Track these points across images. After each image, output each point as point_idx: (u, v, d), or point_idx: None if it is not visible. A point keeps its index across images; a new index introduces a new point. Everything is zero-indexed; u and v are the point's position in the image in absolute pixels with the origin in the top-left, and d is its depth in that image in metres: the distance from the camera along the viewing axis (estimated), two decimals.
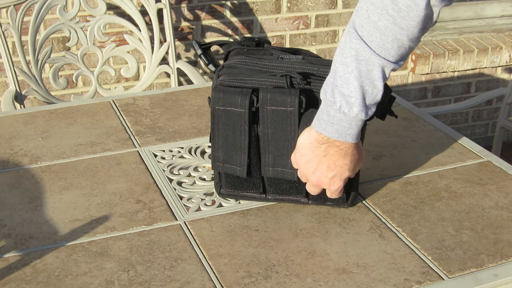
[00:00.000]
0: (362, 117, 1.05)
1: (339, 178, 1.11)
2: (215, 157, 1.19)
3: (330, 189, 1.13)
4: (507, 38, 3.08)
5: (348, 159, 1.09)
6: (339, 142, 1.07)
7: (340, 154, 1.08)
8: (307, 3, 2.72)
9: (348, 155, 1.09)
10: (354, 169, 1.12)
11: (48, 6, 2.13)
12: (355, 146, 1.09)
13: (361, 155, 1.12)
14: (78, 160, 1.39)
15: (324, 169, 1.10)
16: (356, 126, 1.06)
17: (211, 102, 1.16)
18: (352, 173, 1.12)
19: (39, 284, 1.03)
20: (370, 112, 1.06)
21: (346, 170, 1.10)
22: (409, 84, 3.03)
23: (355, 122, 1.05)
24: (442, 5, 1.02)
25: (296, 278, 1.04)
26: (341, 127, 1.05)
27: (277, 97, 1.12)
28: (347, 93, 1.03)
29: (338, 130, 1.06)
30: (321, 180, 1.12)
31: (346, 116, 1.04)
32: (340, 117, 1.05)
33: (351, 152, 1.09)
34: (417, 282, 1.03)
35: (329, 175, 1.10)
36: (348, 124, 1.05)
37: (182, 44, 2.64)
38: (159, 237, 1.14)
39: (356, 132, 1.07)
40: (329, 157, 1.08)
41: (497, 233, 1.15)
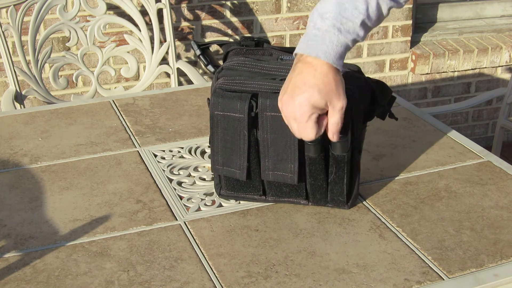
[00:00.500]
0: (334, 33, 1.00)
1: (307, 100, 1.00)
2: (215, 160, 1.19)
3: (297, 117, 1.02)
4: (507, 38, 3.08)
5: (320, 79, 1.00)
6: (311, 58, 1.01)
7: (311, 71, 1.00)
8: (307, 3, 2.72)
9: (321, 74, 1.00)
10: (328, 97, 1.01)
11: (48, 6, 2.13)
12: (332, 70, 1.01)
13: (339, 89, 1.02)
14: (78, 160, 1.39)
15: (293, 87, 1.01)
16: (330, 43, 1.00)
17: (210, 107, 1.16)
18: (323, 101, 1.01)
19: (39, 284, 1.03)
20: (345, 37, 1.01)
21: (316, 91, 1.00)
22: (409, 84, 3.03)
23: (328, 38, 1.01)
24: None
25: (296, 278, 1.04)
26: (313, 42, 1.01)
27: (276, 103, 1.11)
28: (323, 11, 1.02)
29: (310, 45, 1.01)
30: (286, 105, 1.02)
31: (319, 31, 1.01)
32: (315, 32, 1.02)
33: (325, 72, 1.00)
34: (417, 282, 1.03)
35: (297, 98, 1.01)
36: (321, 39, 1.01)
37: (182, 44, 2.64)
38: (159, 237, 1.14)
39: (329, 50, 1.00)
40: (300, 76, 1.01)
41: (497, 233, 1.15)
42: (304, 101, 1.01)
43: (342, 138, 1.10)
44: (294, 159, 1.14)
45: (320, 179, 1.16)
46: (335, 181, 1.17)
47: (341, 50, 1.02)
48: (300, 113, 1.02)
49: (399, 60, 2.95)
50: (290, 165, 1.15)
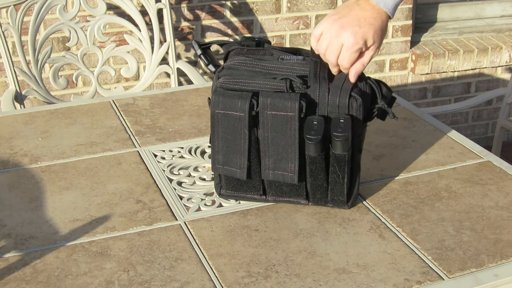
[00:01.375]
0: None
1: (362, 34, 1.08)
2: (215, 159, 1.19)
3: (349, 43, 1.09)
4: (507, 38, 3.08)
5: (378, 23, 1.09)
6: (372, 2, 1.09)
7: (374, 13, 1.08)
8: (307, 3, 2.72)
9: (380, 20, 1.09)
10: (375, 40, 1.10)
11: (48, 6, 2.13)
12: (387, 18, 1.09)
13: (383, 36, 1.11)
14: (78, 160, 1.39)
15: (353, 19, 1.09)
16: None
17: (211, 106, 1.16)
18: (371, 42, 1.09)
19: (39, 284, 1.03)
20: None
21: (372, 32, 1.08)
22: (409, 84, 3.03)
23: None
24: None
25: (296, 278, 1.04)
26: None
27: (277, 102, 1.12)
28: None
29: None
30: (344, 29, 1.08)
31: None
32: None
33: (383, 19, 1.09)
34: (417, 282, 1.03)
35: (355, 27, 1.08)
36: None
37: (182, 44, 2.64)
38: (159, 237, 1.14)
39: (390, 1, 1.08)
40: (362, 11, 1.09)
41: (497, 233, 1.15)
42: (360, 34, 1.09)
43: (343, 138, 1.10)
44: (295, 158, 1.14)
45: (320, 179, 1.16)
46: (335, 180, 1.17)
47: (398, 2, 1.10)
48: (352, 43, 1.09)
49: (399, 60, 2.95)
50: (291, 164, 1.15)
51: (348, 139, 1.12)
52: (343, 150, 1.12)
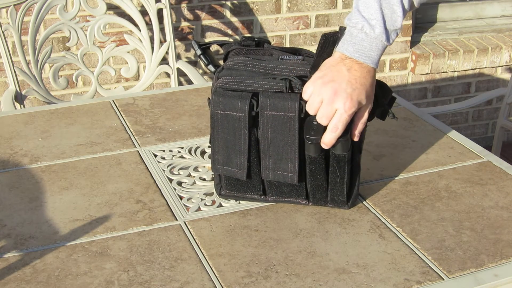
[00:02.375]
0: (383, 40, 1.08)
1: (356, 97, 1.08)
2: (215, 160, 1.19)
3: (345, 108, 1.08)
4: (507, 38, 3.08)
5: (369, 82, 1.09)
6: (360, 61, 1.09)
7: (363, 72, 1.09)
8: (307, 3, 2.72)
9: (371, 78, 1.10)
10: (368, 99, 1.10)
11: (48, 6, 2.13)
12: (374, 74, 1.10)
13: (371, 95, 1.11)
14: (78, 160, 1.39)
15: (344, 82, 1.08)
16: (376, 49, 1.09)
17: (210, 106, 1.16)
18: (364, 102, 1.10)
19: (39, 284, 1.03)
20: (391, 38, 1.10)
21: (365, 92, 1.09)
22: (409, 84, 3.03)
23: (375, 45, 1.09)
24: None
25: (296, 278, 1.04)
26: (361, 47, 1.08)
27: (277, 102, 1.12)
28: (368, 16, 1.09)
29: (359, 50, 1.09)
30: (338, 95, 1.07)
31: (367, 36, 1.08)
32: (362, 37, 1.09)
33: (372, 76, 1.10)
34: (417, 282, 1.03)
35: (348, 90, 1.08)
36: (369, 45, 1.08)
37: (182, 44, 2.64)
38: (159, 237, 1.14)
39: (375, 56, 1.09)
40: (352, 72, 1.09)
41: (497, 233, 1.15)
42: (355, 97, 1.09)
43: (343, 138, 1.10)
44: (295, 158, 1.14)
45: (320, 179, 1.16)
46: (336, 180, 1.17)
47: (381, 49, 1.11)
48: (348, 106, 1.08)
49: (399, 60, 2.95)
50: (290, 164, 1.15)
51: (348, 139, 1.12)
52: (343, 151, 1.12)
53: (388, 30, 1.10)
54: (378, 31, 1.09)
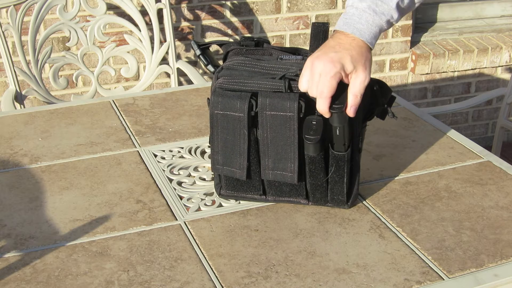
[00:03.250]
0: (370, 13, 1.10)
1: (338, 59, 1.07)
2: (215, 160, 1.19)
3: (325, 70, 1.07)
4: (507, 38, 3.08)
5: (354, 47, 1.09)
6: (346, 33, 1.10)
7: (349, 40, 1.09)
8: (307, 3, 2.72)
9: (357, 45, 1.09)
10: (356, 64, 1.08)
11: (48, 6, 2.13)
12: (365, 46, 1.10)
13: (367, 63, 1.09)
14: (78, 160, 1.39)
15: (326, 48, 1.09)
16: (366, 23, 1.10)
17: (210, 106, 1.16)
18: (351, 66, 1.07)
19: (39, 284, 1.03)
20: (380, 19, 1.11)
21: (348, 55, 1.08)
22: (409, 84, 3.03)
23: (364, 18, 1.10)
24: None
25: (296, 278, 1.04)
26: (351, 21, 1.11)
27: (276, 102, 1.12)
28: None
29: (348, 23, 1.11)
30: (319, 59, 1.07)
31: (357, 10, 1.11)
32: (353, 12, 1.12)
33: (360, 45, 1.09)
34: (417, 282, 1.03)
35: (330, 54, 1.07)
36: (358, 18, 1.10)
37: (182, 44, 2.64)
38: (159, 237, 1.14)
39: (364, 28, 1.10)
40: (336, 40, 1.10)
41: (497, 233, 1.15)
42: (336, 58, 1.07)
43: (337, 109, 1.09)
44: (294, 158, 1.14)
45: (320, 178, 1.16)
46: (335, 180, 1.17)
47: (375, 30, 1.11)
48: (329, 68, 1.07)
49: (399, 60, 2.95)
50: (290, 164, 1.15)
51: (344, 110, 1.11)
52: (340, 122, 1.11)
53: (376, 11, 1.11)
54: (365, 4, 1.11)
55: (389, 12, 1.13)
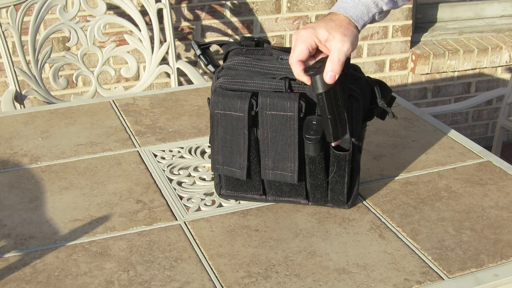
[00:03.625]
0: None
1: (313, 26, 1.08)
2: (215, 160, 1.19)
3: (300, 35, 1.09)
4: (507, 38, 3.08)
5: (335, 20, 1.09)
6: (333, 12, 1.12)
7: (331, 17, 1.11)
8: (307, 3, 2.72)
9: (338, 19, 1.10)
10: (332, 32, 1.08)
11: (48, 6, 2.13)
12: (350, 23, 1.10)
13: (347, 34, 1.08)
14: (78, 160, 1.39)
15: (308, 25, 1.11)
16: (351, 1, 1.11)
17: (210, 106, 1.16)
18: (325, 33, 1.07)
19: (39, 284, 1.02)
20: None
21: (324, 24, 1.08)
22: (409, 84, 3.03)
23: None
24: None
25: (296, 278, 1.04)
26: (339, 2, 1.13)
27: (276, 102, 1.12)
28: None
29: (336, 4, 1.13)
30: (297, 33, 1.09)
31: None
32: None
33: (342, 19, 1.10)
34: (417, 282, 1.03)
35: (307, 26, 1.10)
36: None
37: (182, 44, 2.64)
38: (159, 237, 1.14)
39: (349, 6, 1.11)
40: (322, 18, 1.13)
41: (497, 233, 1.15)
42: (309, 26, 1.09)
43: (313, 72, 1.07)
44: (294, 158, 1.14)
45: (320, 178, 1.16)
46: (336, 180, 1.17)
47: (361, 9, 1.11)
48: (300, 33, 1.08)
49: (399, 60, 2.95)
50: (290, 164, 1.15)
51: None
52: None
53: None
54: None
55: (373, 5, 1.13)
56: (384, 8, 1.15)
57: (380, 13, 1.16)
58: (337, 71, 1.05)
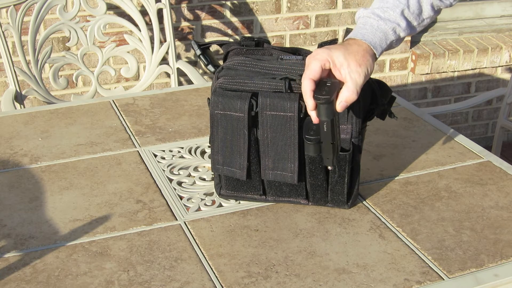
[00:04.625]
0: (374, 18, 1.12)
1: (329, 49, 1.08)
2: (215, 160, 1.19)
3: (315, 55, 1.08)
4: (507, 38, 3.08)
5: (352, 48, 1.09)
6: (351, 37, 1.12)
7: (349, 41, 1.11)
8: (307, 3, 2.72)
9: (356, 44, 1.10)
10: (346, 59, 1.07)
11: (48, 6, 2.13)
12: (368, 49, 1.10)
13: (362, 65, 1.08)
14: (78, 160, 1.39)
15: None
16: (370, 27, 1.12)
17: (210, 106, 1.16)
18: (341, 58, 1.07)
19: (39, 284, 1.02)
20: (385, 24, 1.12)
21: (341, 49, 1.08)
22: (409, 84, 3.03)
23: (369, 23, 1.13)
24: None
25: (296, 278, 1.04)
26: (357, 28, 1.14)
27: (276, 102, 1.12)
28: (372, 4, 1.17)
29: (354, 30, 1.14)
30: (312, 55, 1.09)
31: (363, 18, 1.15)
32: (360, 21, 1.15)
33: (359, 44, 1.10)
34: (417, 282, 1.03)
35: (323, 49, 1.09)
36: (363, 25, 1.13)
37: (182, 44, 2.64)
38: (159, 237, 1.14)
39: (368, 33, 1.11)
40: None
41: (497, 233, 1.15)
42: (325, 48, 1.08)
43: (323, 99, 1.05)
44: (294, 158, 1.14)
45: (320, 179, 1.16)
46: (336, 180, 1.17)
47: (379, 35, 1.12)
48: (315, 53, 1.08)
49: (399, 60, 2.95)
50: (290, 164, 1.15)
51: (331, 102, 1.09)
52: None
53: (383, 12, 1.13)
54: (370, 10, 1.14)
55: (395, 19, 1.13)
56: (401, 35, 1.16)
57: (397, 40, 1.16)
58: (351, 101, 1.07)
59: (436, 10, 1.19)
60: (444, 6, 1.20)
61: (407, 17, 1.15)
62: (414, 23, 1.17)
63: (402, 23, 1.14)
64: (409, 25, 1.15)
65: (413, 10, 1.15)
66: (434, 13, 1.18)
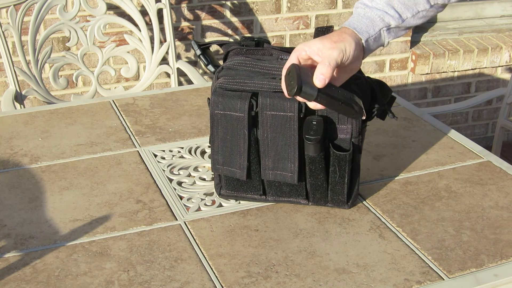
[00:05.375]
0: (361, 7, 1.14)
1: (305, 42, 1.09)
2: (215, 160, 1.19)
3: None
4: (507, 38, 3.08)
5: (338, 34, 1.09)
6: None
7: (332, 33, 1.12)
8: (307, 3, 2.72)
9: (342, 32, 1.10)
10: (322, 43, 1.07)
11: (48, 6, 2.13)
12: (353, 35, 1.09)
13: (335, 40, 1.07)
14: (78, 160, 1.39)
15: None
16: (356, 15, 1.14)
17: (210, 106, 1.16)
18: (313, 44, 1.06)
19: (39, 284, 1.03)
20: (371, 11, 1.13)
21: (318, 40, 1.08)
22: (409, 84, 3.03)
23: (356, 12, 1.15)
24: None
25: (296, 278, 1.04)
26: (349, 18, 1.15)
27: (277, 102, 1.12)
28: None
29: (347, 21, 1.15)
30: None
31: (354, 9, 1.17)
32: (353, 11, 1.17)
33: (343, 29, 1.11)
34: (417, 282, 1.03)
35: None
36: (352, 14, 1.16)
37: (182, 44, 2.64)
38: (159, 237, 1.14)
39: (354, 20, 1.13)
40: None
41: (497, 233, 1.15)
42: (305, 41, 1.10)
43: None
44: (294, 158, 1.14)
45: (320, 179, 1.16)
46: (336, 180, 1.17)
47: (366, 22, 1.13)
48: (298, 45, 1.09)
49: (399, 60, 2.95)
50: (290, 164, 1.15)
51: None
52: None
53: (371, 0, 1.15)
54: (359, 2, 1.16)
55: (382, 7, 1.14)
56: (392, 23, 1.15)
57: (388, 29, 1.15)
58: (327, 74, 1.04)
59: (432, 5, 1.18)
60: (442, 1, 1.19)
61: (395, 6, 1.15)
62: (407, 13, 1.16)
63: (390, 11, 1.15)
64: (399, 14, 1.15)
65: (404, 0, 1.16)
66: (431, 6, 1.18)
